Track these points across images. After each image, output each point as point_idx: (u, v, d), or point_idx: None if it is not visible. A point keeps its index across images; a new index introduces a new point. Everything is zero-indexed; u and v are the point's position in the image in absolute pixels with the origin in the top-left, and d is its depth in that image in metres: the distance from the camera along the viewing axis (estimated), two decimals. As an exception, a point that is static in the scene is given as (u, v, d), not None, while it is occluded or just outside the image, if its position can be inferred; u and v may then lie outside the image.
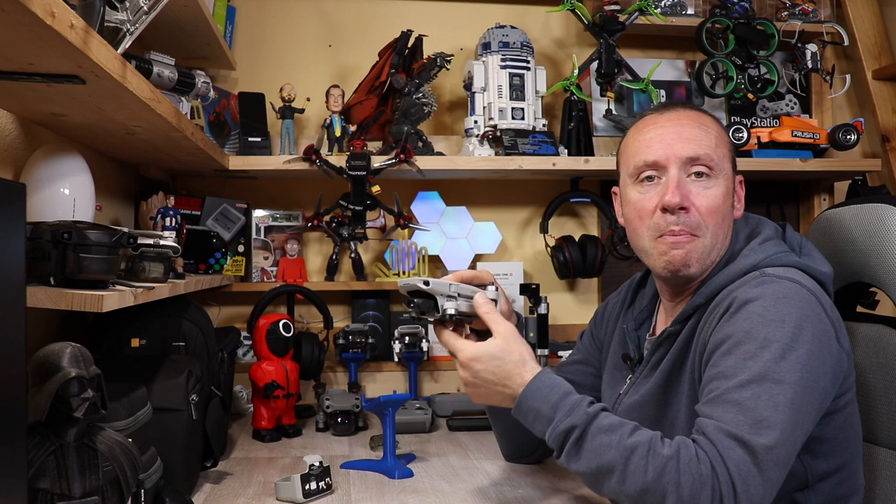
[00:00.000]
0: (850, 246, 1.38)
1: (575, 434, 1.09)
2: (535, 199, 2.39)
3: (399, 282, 1.27)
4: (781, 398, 1.03)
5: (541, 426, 1.14)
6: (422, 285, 1.20)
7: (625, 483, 1.04)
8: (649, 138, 1.25)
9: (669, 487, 1.00)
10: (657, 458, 1.02)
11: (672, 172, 1.21)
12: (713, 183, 1.21)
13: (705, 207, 1.20)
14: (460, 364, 1.22)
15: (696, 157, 1.21)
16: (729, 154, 1.26)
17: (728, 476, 0.99)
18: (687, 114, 1.26)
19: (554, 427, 1.12)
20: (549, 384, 1.16)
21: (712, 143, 1.22)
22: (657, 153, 1.23)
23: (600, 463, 1.06)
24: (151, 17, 1.22)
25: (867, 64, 2.39)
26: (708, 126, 1.25)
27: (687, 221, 1.20)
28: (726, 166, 1.24)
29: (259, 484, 1.42)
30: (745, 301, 1.11)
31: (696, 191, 1.21)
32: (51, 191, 1.27)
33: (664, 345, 1.25)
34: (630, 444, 1.05)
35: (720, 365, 1.08)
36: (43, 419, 0.91)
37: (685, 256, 1.21)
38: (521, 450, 1.53)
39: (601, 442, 1.07)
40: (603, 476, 1.06)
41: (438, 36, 2.26)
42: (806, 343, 1.07)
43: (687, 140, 1.22)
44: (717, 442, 1.01)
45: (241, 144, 2.14)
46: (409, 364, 2.16)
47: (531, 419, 1.16)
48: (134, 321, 1.52)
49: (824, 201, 2.42)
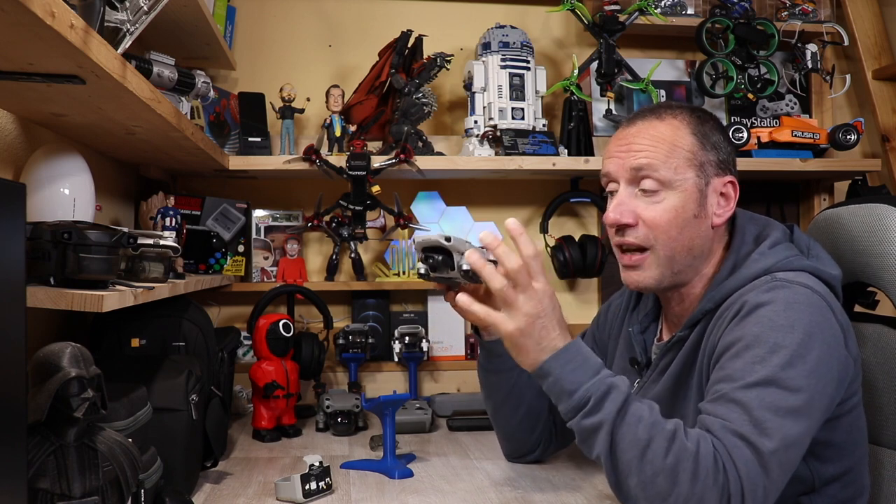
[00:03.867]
0: (849, 246, 1.38)
1: (617, 393, 1.04)
2: (535, 199, 2.39)
3: (415, 237, 1.26)
4: (786, 404, 1.02)
5: (584, 375, 1.06)
6: (443, 241, 1.19)
7: (643, 460, 1.00)
8: (609, 150, 1.27)
9: (683, 477, 0.98)
10: (679, 444, 1.00)
11: (620, 188, 1.23)
12: (663, 196, 1.20)
13: (651, 221, 1.20)
14: (537, 292, 1.07)
15: (641, 173, 1.21)
16: (689, 162, 1.21)
17: (737, 475, 0.99)
18: (645, 125, 1.24)
19: (601, 379, 1.05)
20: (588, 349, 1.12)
21: (661, 156, 1.20)
22: (608, 167, 1.26)
23: (627, 431, 1.02)
24: (151, 17, 1.22)
25: (867, 64, 2.39)
26: (662, 136, 1.22)
27: (634, 234, 1.22)
28: (684, 176, 1.20)
29: (259, 484, 1.42)
30: (755, 305, 1.11)
31: (644, 205, 1.21)
32: (51, 191, 1.27)
33: (672, 349, 1.25)
34: (659, 422, 1.02)
35: (728, 367, 1.08)
36: (43, 419, 0.91)
37: (639, 279, 1.24)
38: (521, 449, 1.53)
39: (635, 411, 1.03)
40: (625, 447, 1.01)
41: (438, 36, 2.26)
42: (815, 350, 1.06)
43: (634, 153, 1.22)
44: (724, 440, 1.01)
45: (241, 144, 2.14)
46: (409, 364, 2.16)
47: (575, 365, 1.06)
48: (134, 321, 1.52)
49: (824, 201, 2.42)
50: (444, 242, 1.19)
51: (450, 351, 2.29)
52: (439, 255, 1.21)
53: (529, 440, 1.50)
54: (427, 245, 1.22)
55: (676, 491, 0.98)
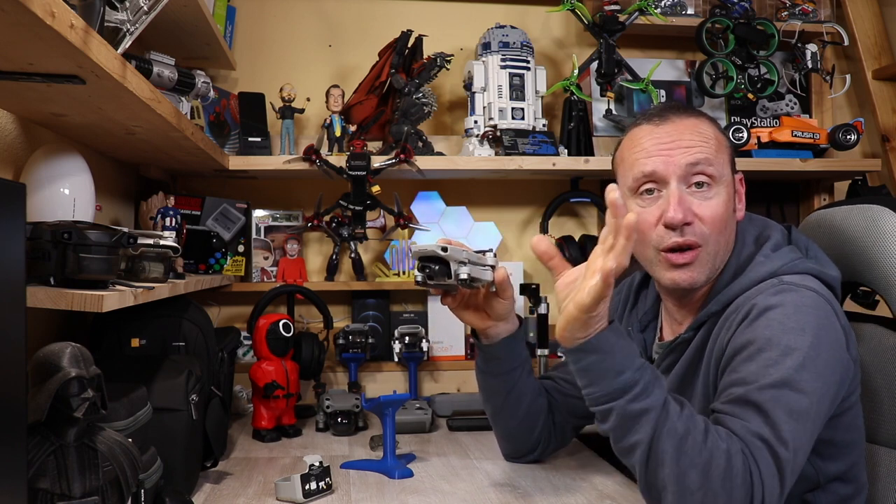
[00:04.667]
0: (841, 246, 1.38)
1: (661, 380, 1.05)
2: (535, 199, 2.39)
3: (413, 247, 1.28)
4: (799, 406, 1.03)
5: (631, 358, 1.03)
6: (439, 251, 1.21)
7: (681, 451, 0.98)
8: (647, 149, 1.22)
9: (716, 472, 0.98)
10: (712, 441, 0.99)
11: (672, 186, 1.19)
12: (714, 192, 1.20)
13: (709, 218, 1.19)
14: (593, 269, 1.03)
15: (696, 169, 1.19)
16: (728, 157, 1.25)
17: (760, 477, 0.99)
18: (684, 121, 1.23)
19: (645, 363, 1.04)
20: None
21: (712, 150, 1.20)
22: (655, 165, 1.21)
23: (675, 428, 1.00)
24: (151, 17, 1.22)
25: (867, 64, 2.39)
26: (706, 132, 1.22)
27: (692, 232, 1.19)
28: (726, 171, 1.22)
29: (259, 484, 1.42)
30: (765, 308, 1.11)
31: (699, 202, 1.20)
32: (51, 191, 1.27)
33: (676, 350, 1.24)
34: (697, 417, 1.02)
35: (742, 370, 1.08)
36: (43, 419, 0.91)
37: (691, 278, 1.20)
38: (521, 449, 1.53)
39: (674, 403, 1.03)
40: (662, 437, 1.00)
41: (438, 36, 2.26)
42: (823, 352, 1.07)
43: (685, 150, 1.20)
44: (748, 442, 1.01)
45: (241, 144, 2.14)
46: (409, 364, 2.16)
47: (625, 342, 1.05)
48: (134, 321, 1.52)
49: (824, 201, 2.42)
50: (440, 252, 1.20)
51: (450, 351, 2.29)
52: (436, 264, 1.22)
53: (529, 440, 1.50)
54: (424, 255, 1.23)
55: (707, 486, 0.98)
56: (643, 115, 1.30)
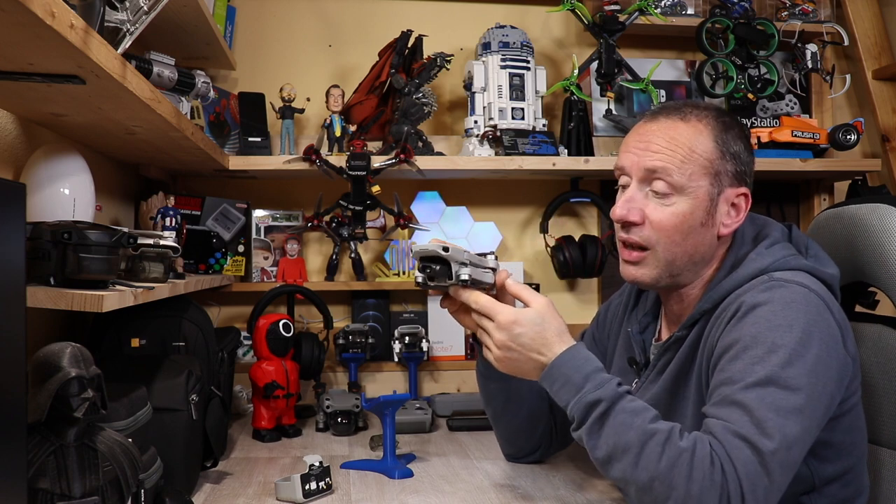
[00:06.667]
0: (849, 246, 1.38)
1: (600, 408, 1.08)
2: (535, 199, 2.39)
3: (413, 247, 1.27)
4: (787, 403, 1.03)
5: (567, 395, 1.13)
6: (440, 251, 1.20)
7: (637, 467, 1.03)
8: (627, 143, 1.25)
9: (679, 480, 1.00)
10: (673, 448, 1.02)
11: (632, 184, 1.22)
12: (674, 201, 1.19)
13: (658, 223, 1.20)
14: (498, 326, 1.18)
15: (653, 175, 1.20)
16: (707, 171, 1.19)
17: (736, 476, 0.99)
18: (666, 124, 1.22)
19: (581, 397, 1.10)
20: (584, 356, 1.15)
21: (677, 161, 1.18)
22: (625, 161, 1.24)
23: (618, 441, 1.05)
24: (151, 17, 1.22)
25: (867, 64, 2.39)
26: (679, 140, 1.19)
27: (639, 233, 1.21)
28: (697, 184, 1.18)
29: (259, 484, 1.42)
30: (753, 305, 1.11)
31: (654, 205, 1.20)
32: (51, 191, 1.27)
33: (671, 349, 1.24)
34: (650, 428, 1.04)
35: (728, 370, 1.08)
36: (43, 419, 0.91)
37: (635, 274, 1.24)
38: (521, 449, 1.53)
39: (623, 421, 1.06)
40: (617, 456, 1.05)
41: (438, 36, 2.26)
42: (813, 349, 1.06)
43: (652, 153, 1.20)
44: (725, 442, 1.01)
45: (241, 144, 2.14)
46: (409, 364, 2.16)
47: (559, 386, 1.14)
48: (134, 321, 1.52)
49: (824, 201, 2.42)
50: (441, 253, 1.20)
51: (450, 351, 2.29)
52: (437, 265, 1.22)
53: (530, 442, 1.50)
54: (425, 255, 1.23)
55: (675, 495, 0.99)
56: (649, 110, 1.32)
